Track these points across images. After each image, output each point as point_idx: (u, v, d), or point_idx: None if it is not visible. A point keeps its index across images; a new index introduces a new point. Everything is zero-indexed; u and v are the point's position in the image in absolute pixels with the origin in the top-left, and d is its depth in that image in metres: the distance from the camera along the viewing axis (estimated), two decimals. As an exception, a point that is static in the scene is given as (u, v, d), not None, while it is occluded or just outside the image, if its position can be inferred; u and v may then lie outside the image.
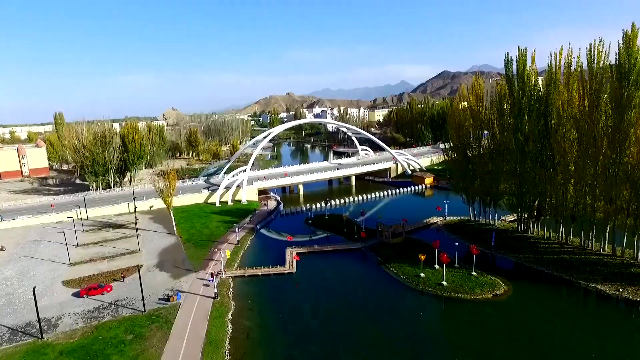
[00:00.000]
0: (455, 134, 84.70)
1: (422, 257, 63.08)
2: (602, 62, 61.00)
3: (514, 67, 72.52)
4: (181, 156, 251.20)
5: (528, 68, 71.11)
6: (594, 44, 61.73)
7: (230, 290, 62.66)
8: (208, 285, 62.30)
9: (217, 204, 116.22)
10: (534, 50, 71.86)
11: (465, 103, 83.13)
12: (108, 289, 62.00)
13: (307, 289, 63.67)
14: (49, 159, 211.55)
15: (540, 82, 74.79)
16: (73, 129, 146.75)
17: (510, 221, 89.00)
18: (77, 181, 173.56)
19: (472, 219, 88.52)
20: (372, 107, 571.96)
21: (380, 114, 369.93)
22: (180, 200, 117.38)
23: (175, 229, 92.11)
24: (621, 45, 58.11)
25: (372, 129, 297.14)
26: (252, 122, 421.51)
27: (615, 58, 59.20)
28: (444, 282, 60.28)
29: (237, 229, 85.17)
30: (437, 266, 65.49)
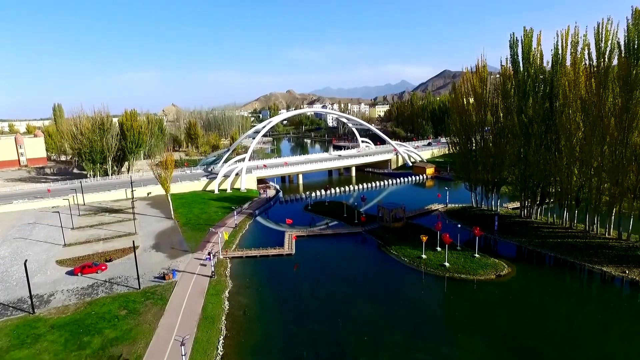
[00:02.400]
0: (458, 118, 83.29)
1: (424, 238, 61.81)
2: (610, 41, 59.68)
3: (519, 48, 71.18)
4: (180, 149, 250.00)
5: (533, 49, 69.74)
6: (602, 23, 60.45)
7: (228, 270, 61.35)
8: (205, 265, 60.97)
9: (216, 192, 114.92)
10: (540, 32, 70.58)
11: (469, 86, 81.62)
12: (103, 267, 60.65)
13: (306, 269, 62.38)
14: (47, 150, 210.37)
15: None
16: (71, 119, 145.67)
17: (513, 208, 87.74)
18: (75, 171, 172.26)
19: (474, 205, 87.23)
20: (371, 105, 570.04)
21: (381, 110, 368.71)
22: (179, 188, 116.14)
23: (172, 213, 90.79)
24: (630, 22, 56.81)
25: (373, 124, 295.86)
26: (252, 119, 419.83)
27: (624, 35, 57.89)
28: (447, 264, 59.00)
29: (236, 212, 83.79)
30: (439, 248, 64.21)
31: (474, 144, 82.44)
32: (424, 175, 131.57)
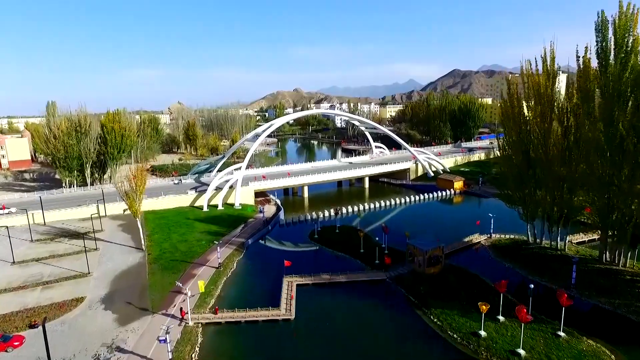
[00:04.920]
0: (515, 128, 63.23)
1: (485, 307, 42.17)
2: None
3: (610, 32, 51.20)
4: (179, 151, 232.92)
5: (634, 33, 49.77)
6: None
7: (197, 349, 42.38)
8: (165, 341, 41.91)
9: (205, 209, 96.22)
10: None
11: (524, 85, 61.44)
12: (15, 343, 42.03)
13: (311, 345, 43.25)
14: (36, 151, 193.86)
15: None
16: (45, 119, 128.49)
17: (579, 243, 67.97)
18: (57, 176, 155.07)
19: (531, 239, 67.22)
20: (381, 104, 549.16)
21: (392, 110, 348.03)
22: (162, 203, 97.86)
23: (143, 242, 72.03)
24: None
25: (384, 125, 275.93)
26: (258, 117, 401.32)
27: None
28: (521, 351, 39.41)
29: (219, 248, 64.41)
30: (501, 318, 44.75)
31: (533, 160, 62.44)
32: (452, 190, 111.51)
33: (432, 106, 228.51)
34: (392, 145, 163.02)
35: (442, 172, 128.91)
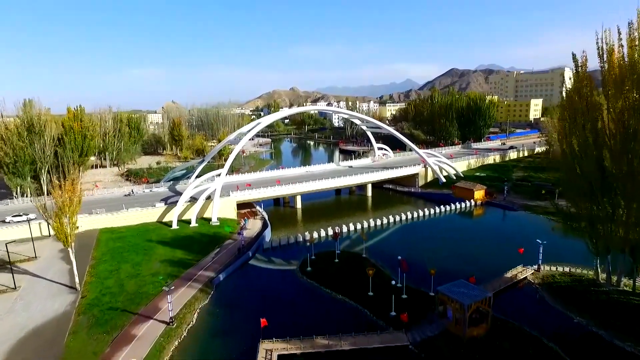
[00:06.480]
0: (587, 124, 45.41)
1: None
2: None
3: None
4: (164, 152, 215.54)
5: None
6: None
7: None
8: None
9: (174, 226, 78.45)
10: None
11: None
12: None
13: None
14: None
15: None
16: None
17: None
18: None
19: (601, 278, 49.63)
20: (380, 103, 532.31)
21: (392, 109, 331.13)
22: (123, 219, 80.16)
23: (77, 280, 53.88)
24: None
25: (386, 125, 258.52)
26: (253, 117, 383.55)
27: None
28: None
29: (169, 296, 45.73)
30: None
31: (609, 169, 44.95)
32: (471, 200, 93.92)
33: (436, 104, 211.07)
34: (395, 146, 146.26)
35: (455, 178, 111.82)
